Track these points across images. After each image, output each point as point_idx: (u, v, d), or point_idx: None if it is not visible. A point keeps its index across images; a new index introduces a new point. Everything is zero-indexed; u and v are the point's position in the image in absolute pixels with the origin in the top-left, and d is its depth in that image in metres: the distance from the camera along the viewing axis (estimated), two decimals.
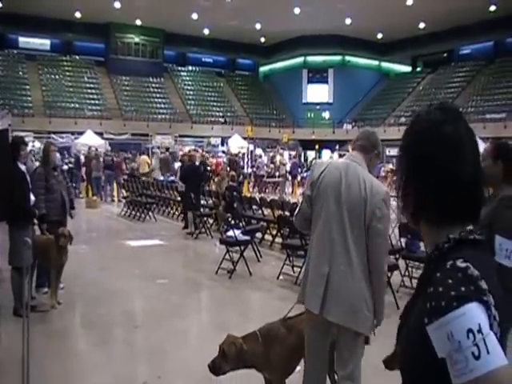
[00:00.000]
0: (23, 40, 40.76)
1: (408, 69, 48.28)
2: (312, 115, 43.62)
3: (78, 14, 37.13)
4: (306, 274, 3.38)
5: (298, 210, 3.50)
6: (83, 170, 22.40)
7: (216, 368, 3.50)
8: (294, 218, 3.59)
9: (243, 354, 3.52)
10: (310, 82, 45.62)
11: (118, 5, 35.01)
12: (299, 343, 3.50)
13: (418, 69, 47.36)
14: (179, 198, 14.79)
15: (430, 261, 1.24)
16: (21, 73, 38.17)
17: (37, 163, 12.86)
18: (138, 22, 40.48)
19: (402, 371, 1.26)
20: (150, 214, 15.52)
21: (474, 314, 1.06)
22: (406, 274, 7.74)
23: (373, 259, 3.21)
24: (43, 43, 41.65)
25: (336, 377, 3.58)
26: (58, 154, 7.60)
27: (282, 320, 3.75)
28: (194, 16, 37.22)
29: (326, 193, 3.28)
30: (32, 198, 6.60)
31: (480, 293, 1.09)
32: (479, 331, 1.05)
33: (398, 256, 7.69)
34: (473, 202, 1.24)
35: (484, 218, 3.24)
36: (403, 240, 7.94)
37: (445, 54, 43.93)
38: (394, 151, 32.51)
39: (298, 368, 3.69)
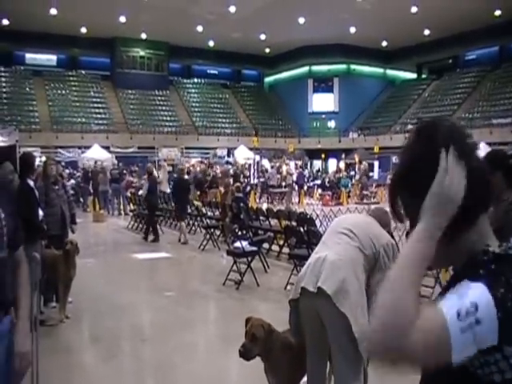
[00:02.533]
0: (30, 56, 41.20)
1: (413, 76, 48.30)
2: (318, 124, 43.69)
3: (83, 30, 37.49)
4: (302, 272, 3.50)
5: None
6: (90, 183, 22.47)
7: (247, 352, 3.49)
8: None
9: (271, 337, 3.53)
10: (315, 91, 45.71)
11: (123, 19, 35.33)
12: (305, 354, 3.49)
13: (424, 76, 47.38)
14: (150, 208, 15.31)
15: (464, 269, 1.18)
16: (28, 89, 38.53)
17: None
18: (143, 36, 40.76)
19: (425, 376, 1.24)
20: (157, 226, 15.52)
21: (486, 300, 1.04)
22: None
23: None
24: (49, 59, 42.05)
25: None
26: (54, 168, 7.61)
27: (289, 330, 3.75)
28: (199, 28, 37.45)
29: (334, 223, 3.76)
30: (40, 213, 6.63)
31: None
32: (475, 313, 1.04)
33: None
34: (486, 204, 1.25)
35: (493, 222, 3.27)
36: None
37: (450, 61, 43.93)
38: None
39: (304, 379, 3.68)
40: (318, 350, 3.43)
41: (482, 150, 1.37)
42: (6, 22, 34.44)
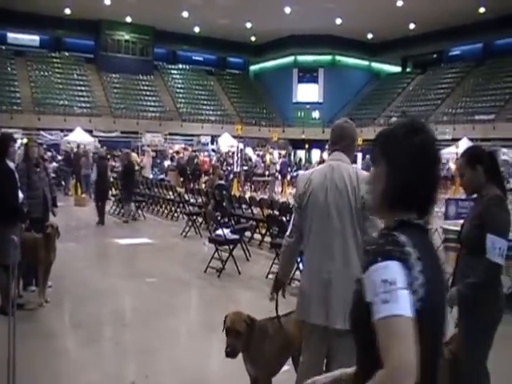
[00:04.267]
0: (12, 36, 40.46)
1: (398, 69, 48.48)
2: (302, 114, 43.65)
3: (67, 11, 36.93)
4: (303, 287, 3.32)
5: (290, 227, 3.44)
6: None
7: (234, 351, 3.41)
8: (288, 237, 3.44)
9: (253, 328, 3.46)
10: (300, 81, 45.65)
11: (108, 1, 34.87)
12: (287, 343, 3.49)
13: (408, 69, 47.59)
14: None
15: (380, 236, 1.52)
16: (9, 69, 37.89)
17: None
18: (128, 19, 40.29)
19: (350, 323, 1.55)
20: (139, 212, 15.46)
21: (393, 269, 1.34)
22: None
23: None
24: (32, 39, 41.36)
25: None
26: (36, 150, 7.49)
27: (271, 319, 3.75)
28: (185, 14, 37.12)
29: (315, 199, 3.25)
30: (20, 195, 6.54)
31: (403, 255, 1.37)
32: (393, 283, 1.32)
33: None
34: (424, 199, 1.53)
35: (475, 217, 3.31)
36: None
37: (434, 55, 44.17)
38: None
39: (286, 367, 3.68)
40: (315, 360, 3.32)
41: (464, 145, 1.57)
42: None
